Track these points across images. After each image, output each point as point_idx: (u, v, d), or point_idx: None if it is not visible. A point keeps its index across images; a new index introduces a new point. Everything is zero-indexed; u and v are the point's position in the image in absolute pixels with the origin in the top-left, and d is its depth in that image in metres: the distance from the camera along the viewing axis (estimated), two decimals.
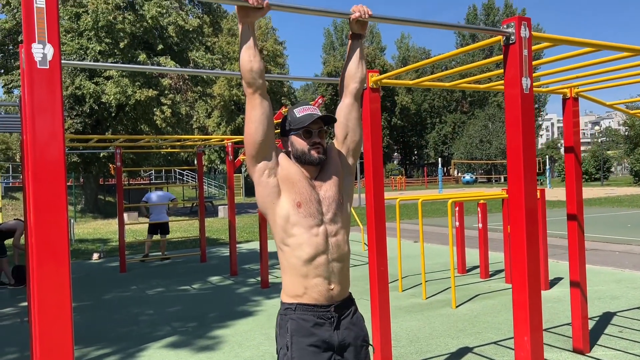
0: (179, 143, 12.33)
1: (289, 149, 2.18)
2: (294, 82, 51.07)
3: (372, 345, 2.23)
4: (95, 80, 20.75)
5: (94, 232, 16.86)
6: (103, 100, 20.59)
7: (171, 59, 21.47)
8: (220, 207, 22.64)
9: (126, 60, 20.53)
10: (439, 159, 46.92)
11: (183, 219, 16.94)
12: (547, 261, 7.12)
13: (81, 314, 6.44)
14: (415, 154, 72.58)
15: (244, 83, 2.07)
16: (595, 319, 5.49)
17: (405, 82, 4.40)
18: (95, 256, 11.23)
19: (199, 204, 10.96)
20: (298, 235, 2.07)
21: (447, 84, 4.53)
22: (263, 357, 4.72)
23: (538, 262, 2.81)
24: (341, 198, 2.17)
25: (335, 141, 2.29)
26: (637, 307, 5.89)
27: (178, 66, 21.47)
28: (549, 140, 77.08)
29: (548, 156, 45.43)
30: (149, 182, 38.08)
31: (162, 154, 30.22)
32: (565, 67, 3.94)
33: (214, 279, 8.61)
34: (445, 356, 4.56)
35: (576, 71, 4.09)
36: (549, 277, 7.23)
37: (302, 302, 2.08)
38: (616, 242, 11.05)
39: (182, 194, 34.93)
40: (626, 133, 45.12)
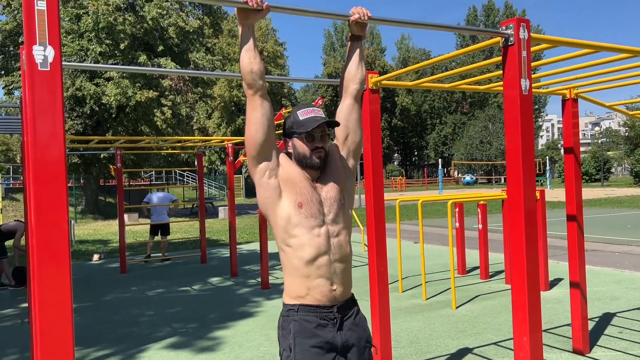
0: (179, 144, 12.35)
1: (290, 150, 2.18)
2: (295, 83, 51.05)
3: (375, 346, 2.22)
4: (95, 82, 20.78)
5: (95, 233, 16.87)
6: (103, 101, 20.61)
7: (171, 60, 21.49)
8: (220, 208, 22.64)
9: (126, 61, 20.56)
10: (439, 159, 46.90)
11: (183, 220, 16.93)
12: (547, 262, 7.12)
13: (81, 315, 6.45)
14: (415, 154, 72.57)
15: (244, 84, 2.07)
16: (595, 319, 5.49)
17: (404, 84, 4.40)
18: (96, 257, 11.24)
19: (199, 205, 10.97)
20: (300, 236, 2.06)
21: (447, 85, 4.54)
22: (263, 358, 4.73)
23: (537, 263, 2.82)
24: (342, 199, 2.17)
25: (335, 142, 2.29)
26: (637, 308, 5.89)
27: (178, 67, 21.49)
28: (549, 141, 77.04)
29: (548, 157, 45.44)
30: (149, 183, 38.06)
31: (162, 155, 30.21)
32: (564, 69, 3.95)
33: (214, 280, 8.61)
34: (445, 357, 4.57)
35: (575, 72, 4.10)
36: (549, 278, 7.23)
37: (304, 303, 2.07)
38: (616, 243, 11.05)
39: (183, 195, 34.91)
40: (626, 134, 45.11)
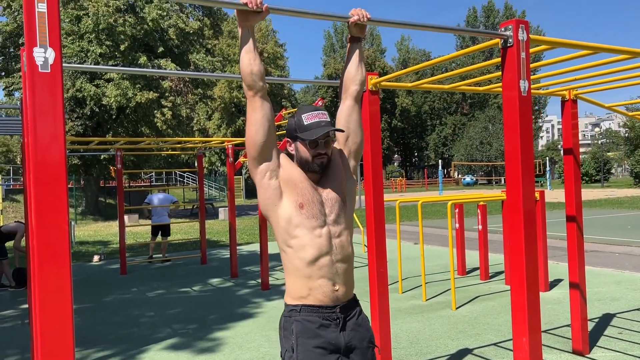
0: (179, 145, 12.37)
1: (292, 152, 2.17)
2: (295, 84, 51.07)
3: (378, 347, 2.21)
4: (95, 83, 20.80)
5: (95, 235, 16.87)
6: (104, 102, 20.63)
7: (172, 62, 21.51)
8: (220, 209, 22.64)
9: (127, 62, 20.57)
10: (439, 160, 46.92)
11: (183, 221, 16.94)
12: (547, 263, 7.12)
13: (82, 316, 6.45)
14: (415, 155, 72.55)
15: (244, 86, 2.07)
16: (595, 320, 5.49)
17: (404, 85, 4.41)
18: (96, 258, 11.24)
19: (199, 206, 10.97)
20: (301, 237, 2.05)
21: (447, 86, 4.54)
22: (263, 359, 4.73)
23: (536, 264, 2.82)
24: (344, 199, 2.16)
25: (336, 143, 2.29)
26: (637, 309, 5.90)
27: (179, 68, 21.51)
28: (549, 142, 77.00)
29: (548, 158, 45.42)
30: (149, 184, 38.09)
31: (162, 156, 30.23)
32: (563, 70, 3.96)
33: (215, 281, 8.61)
34: (445, 357, 4.57)
35: (575, 73, 4.10)
36: (549, 279, 7.23)
37: (306, 303, 2.05)
38: (616, 244, 11.05)
39: (183, 196, 34.91)
40: (626, 135, 45.12)
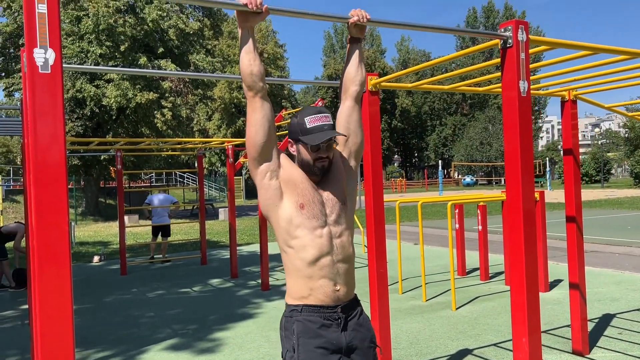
0: (179, 146, 12.37)
1: (293, 152, 2.16)
2: (295, 85, 51.10)
3: (379, 347, 2.21)
4: (96, 83, 20.81)
5: (95, 235, 16.87)
6: (104, 103, 20.64)
7: (172, 62, 21.52)
8: (220, 210, 22.65)
9: (127, 63, 20.58)
10: (439, 161, 46.92)
11: (184, 221, 16.95)
12: (547, 263, 7.12)
13: (82, 317, 6.46)
14: (415, 156, 72.55)
15: (244, 86, 2.07)
16: (595, 320, 5.49)
17: (403, 85, 4.41)
18: (96, 259, 11.24)
19: (199, 206, 10.98)
20: (302, 237, 2.04)
21: (446, 87, 4.54)
22: (263, 359, 4.73)
23: (536, 264, 2.82)
24: (344, 200, 2.15)
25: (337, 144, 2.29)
26: (637, 309, 5.90)
27: (179, 69, 21.52)
28: (549, 142, 76.95)
29: (548, 158, 45.42)
30: (149, 184, 38.09)
31: (162, 156, 30.25)
32: (563, 70, 3.96)
33: (215, 281, 8.62)
34: (445, 358, 4.57)
35: (574, 74, 4.11)
36: (549, 279, 7.23)
37: (308, 303, 2.04)
38: (616, 244, 11.05)
39: (183, 196, 34.92)
40: (626, 135, 45.10)
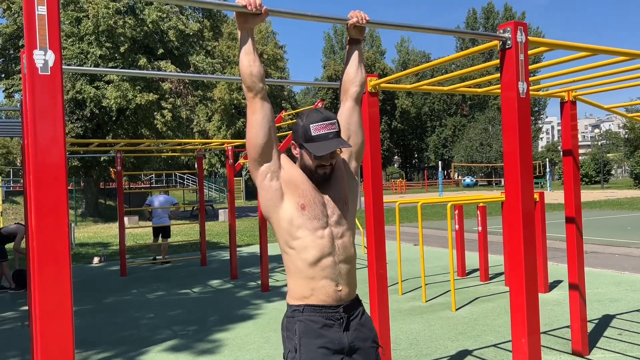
0: (179, 147, 12.39)
1: (296, 155, 2.15)
2: (294, 86, 51.09)
3: (382, 347, 2.20)
4: (95, 85, 20.82)
5: (95, 236, 16.87)
6: (104, 104, 20.65)
7: (172, 63, 21.53)
8: (220, 211, 22.65)
9: (127, 64, 20.58)
10: (439, 162, 46.93)
11: (183, 222, 16.96)
12: (547, 264, 7.12)
13: (82, 318, 6.45)
14: (415, 157, 72.54)
15: (244, 87, 2.07)
16: (595, 321, 5.49)
17: (402, 87, 4.42)
18: (96, 260, 11.24)
19: (199, 207, 10.98)
20: (303, 238, 2.04)
21: (446, 88, 4.55)
22: None
23: (535, 265, 2.83)
24: (346, 200, 2.15)
25: None
26: (637, 310, 5.90)
27: (178, 70, 21.53)
28: (549, 143, 76.91)
29: (548, 159, 45.43)
30: (149, 186, 38.11)
31: (162, 157, 30.25)
32: (563, 71, 3.97)
33: (215, 282, 8.62)
34: (445, 359, 4.57)
35: (573, 75, 4.11)
36: (549, 280, 7.23)
37: (309, 303, 2.04)
38: (616, 245, 11.05)
39: (183, 197, 34.93)
40: (626, 136, 45.15)
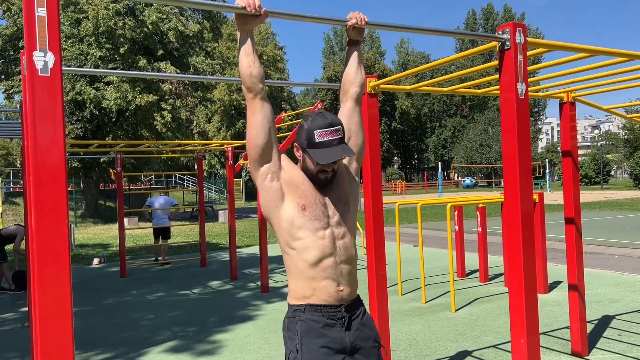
0: (179, 148, 12.38)
1: (299, 157, 2.14)
2: (294, 87, 51.11)
3: (384, 347, 2.20)
4: (95, 86, 20.83)
5: (95, 237, 16.87)
6: (103, 105, 20.65)
7: (171, 64, 21.54)
8: (220, 212, 22.65)
9: (126, 65, 20.59)
10: (439, 163, 46.91)
11: (183, 223, 16.98)
12: (546, 265, 7.12)
13: (82, 319, 6.45)
14: (415, 158, 72.54)
15: (244, 88, 2.07)
16: (594, 322, 5.49)
17: (402, 88, 4.42)
18: (96, 261, 11.24)
19: (199, 208, 10.99)
20: (304, 238, 2.04)
21: (446, 88, 4.55)
22: None
23: (534, 266, 2.83)
24: (347, 201, 2.15)
25: None
26: (636, 310, 5.90)
27: (178, 71, 21.53)
28: (549, 144, 76.95)
29: (548, 160, 45.44)
30: (149, 187, 38.09)
31: (162, 159, 30.26)
32: (562, 72, 3.97)
33: (214, 283, 8.62)
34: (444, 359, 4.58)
35: (573, 76, 4.12)
36: (549, 281, 7.23)
37: (311, 302, 2.04)
38: (615, 246, 11.05)
39: (183, 198, 34.92)
40: (626, 137, 45.18)
